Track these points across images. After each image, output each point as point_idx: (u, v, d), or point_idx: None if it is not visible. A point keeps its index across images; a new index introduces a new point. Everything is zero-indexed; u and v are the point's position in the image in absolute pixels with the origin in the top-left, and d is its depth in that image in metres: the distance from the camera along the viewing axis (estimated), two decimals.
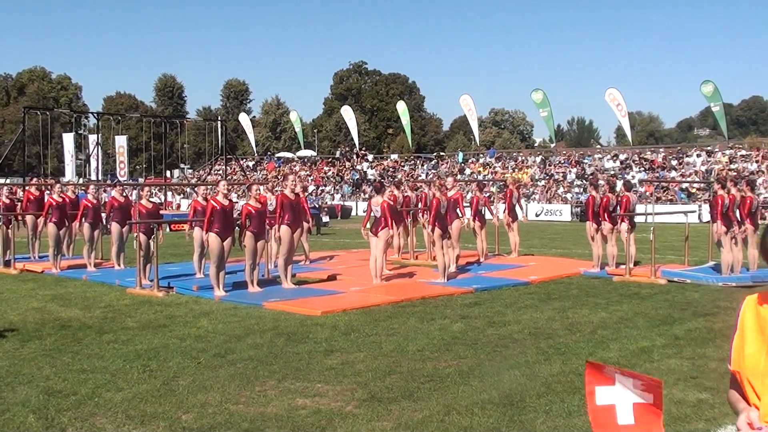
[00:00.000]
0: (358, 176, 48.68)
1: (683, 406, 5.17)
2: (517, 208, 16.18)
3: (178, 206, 41.86)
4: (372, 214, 11.81)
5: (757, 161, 37.49)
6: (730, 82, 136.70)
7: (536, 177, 43.00)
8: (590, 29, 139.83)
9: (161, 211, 17.67)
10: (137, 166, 64.14)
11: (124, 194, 14.04)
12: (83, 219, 13.86)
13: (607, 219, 13.08)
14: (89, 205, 13.94)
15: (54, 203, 13.86)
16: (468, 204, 15.62)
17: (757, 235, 12.39)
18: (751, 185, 12.86)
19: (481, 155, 50.75)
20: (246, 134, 65.73)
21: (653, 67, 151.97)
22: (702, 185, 33.19)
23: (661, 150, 44.70)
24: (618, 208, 13.13)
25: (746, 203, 12.22)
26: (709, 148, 42.14)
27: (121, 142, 43.63)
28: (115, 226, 13.58)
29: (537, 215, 37.23)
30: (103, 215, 14.57)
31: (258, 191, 11.17)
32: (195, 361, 6.61)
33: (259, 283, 10.99)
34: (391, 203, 12.06)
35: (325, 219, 29.23)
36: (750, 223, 12.26)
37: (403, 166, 50.75)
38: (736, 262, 11.99)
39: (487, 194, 34.85)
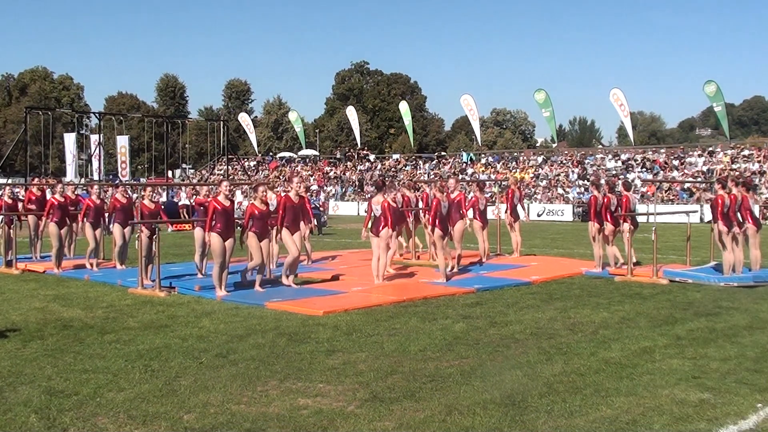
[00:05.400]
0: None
1: (685, 406, 5.17)
2: (519, 208, 16.17)
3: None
4: (372, 213, 11.80)
5: (759, 161, 37.45)
6: (731, 82, 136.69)
7: (540, 177, 42.98)
8: (592, 29, 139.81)
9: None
10: (139, 166, 64.19)
11: (127, 195, 14.03)
12: (85, 218, 13.84)
13: (609, 219, 13.07)
14: (91, 205, 13.94)
15: (56, 203, 13.84)
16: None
17: (759, 235, 12.42)
18: (746, 186, 12.79)
19: (483, 155, 50.76)
20: (247, 134, 65.77)
21: (655, 67, 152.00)
22: (703, 185, 33.17)
23: (662, 150, 44.68)
24: (619, 208, 13.11)
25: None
26: (711, 148, 42.11)
27: (122, 142, 43.65)
28: (116, 227, 13.59)
29: (539, 215, 37.21)
30: (106, 214, 14.52)
31: (264, 192, 11.14)
32: (197, 361, 6.61)
33: (261, 284, 11.00)
34: (392, 203, 12.03)
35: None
36: (752, 223, 12.27)
37: (405, 167, 50.77)
38: (738, 262, 11.98)
39: (489, 194, 34.86)
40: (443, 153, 59.18)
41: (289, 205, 11.29)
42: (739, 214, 12.13)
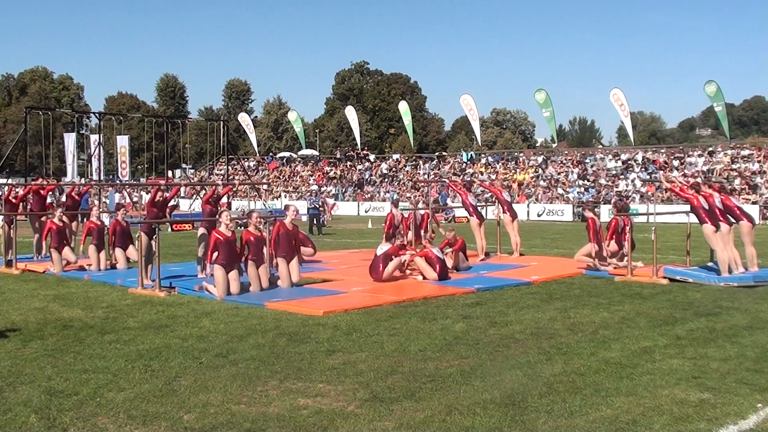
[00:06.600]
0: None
1: (685, 406, 5.17)
2: (498, 207, 16.25)
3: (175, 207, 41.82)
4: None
5: (759, 161, 37.44)
6: (731, 82, 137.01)
7: (540, 177, 42.97)
8: (592, 29, 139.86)
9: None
10: (139, 166, 64.22)
11: (126, 220, 14.07)
12: (87, 236, 13.79)
13: (615, 240, 12.99)
14: (93, 227, 13.88)
15: (54, 228, 13.62)
16: (461, 204, 16.08)
17: (753, 232, 12.46)
18: (721, 187, 12.99)
19: (483, 155, 50.78)
20: (247, 134, 65.75)
21: (655, 68, 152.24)
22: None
23: (662, 150, 44.67)
24: (624, 230, 13.04)
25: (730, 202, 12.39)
26: (711, 148, 42.10)
27: (122, 142, 43.66)
28: (118, 251, 13.68)
29: (539, 215, 37.23)
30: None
31: (258, 220, 11.13)
32: (197, 361, 6.61)
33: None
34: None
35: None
36: (747, 220, 12.31)
37: (405, 167, 50.77)
38: (732, 260, 11.93)
39: (488, 193, 34.76)
40: (443, 153, 59.18)
41: (283, 232, 11.30)
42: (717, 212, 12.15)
